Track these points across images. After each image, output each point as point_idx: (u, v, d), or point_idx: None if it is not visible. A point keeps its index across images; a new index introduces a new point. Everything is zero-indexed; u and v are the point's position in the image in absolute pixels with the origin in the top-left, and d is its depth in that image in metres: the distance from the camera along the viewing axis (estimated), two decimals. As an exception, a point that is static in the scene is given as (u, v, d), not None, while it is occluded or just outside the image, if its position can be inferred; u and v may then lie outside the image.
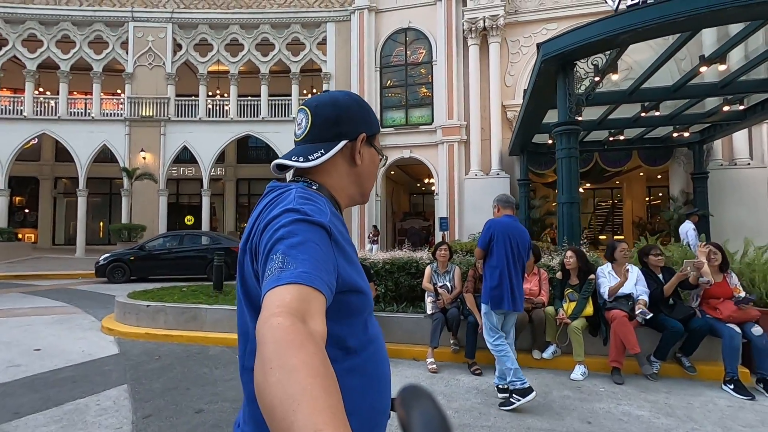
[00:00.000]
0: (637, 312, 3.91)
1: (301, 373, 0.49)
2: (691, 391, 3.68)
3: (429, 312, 4.56)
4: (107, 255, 11.14)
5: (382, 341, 0.87)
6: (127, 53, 17.60)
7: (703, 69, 7.47)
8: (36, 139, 18.25)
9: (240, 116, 17.61)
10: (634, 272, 4.14)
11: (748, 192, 12.61)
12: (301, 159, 0.84)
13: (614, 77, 8.13)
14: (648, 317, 3.85)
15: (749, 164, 12.84)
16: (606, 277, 4.20)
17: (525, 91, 9.76)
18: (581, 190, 22.27)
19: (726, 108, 9.36)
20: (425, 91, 16.49)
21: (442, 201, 15.66)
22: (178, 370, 4.26)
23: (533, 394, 3.27)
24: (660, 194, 18.59)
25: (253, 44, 17.59)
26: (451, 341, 4.54)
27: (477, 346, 4.19)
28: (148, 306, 5.70)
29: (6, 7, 17.35)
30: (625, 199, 20.53)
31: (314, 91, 19.83)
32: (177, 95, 17.78)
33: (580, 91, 7.36)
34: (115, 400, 3.50)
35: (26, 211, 21.79)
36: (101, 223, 20.52)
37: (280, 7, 18.47)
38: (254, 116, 17.56)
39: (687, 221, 9.71)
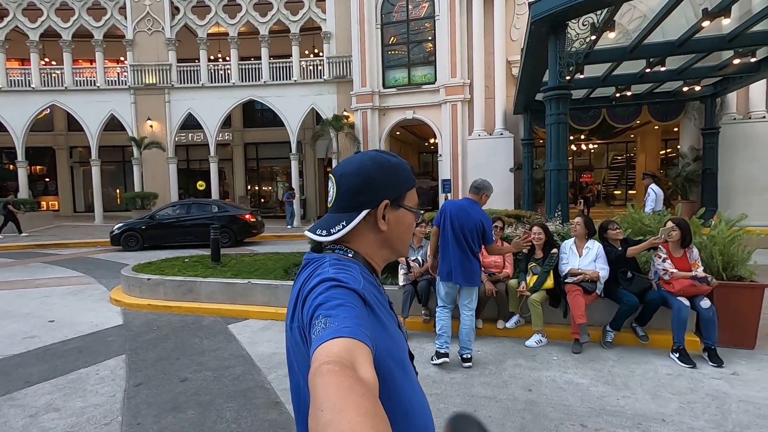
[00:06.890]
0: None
1: (350, 413, 0.50)
2: (639, 359, 3.91)
3: (401, 284, 4.84)
4: (120, 225, 11.72)
5: (422, 419, 0.80)
6: (125, 19, 17.46)
7: (705, 24, 7.10)
8: (48, 110, 18.63)
9: (242, 80, 17.49)
10: (595, 248, 4.26)
11: (762, 147, 12.15)
12: (324, 233, 0.87)
13: (611, 35, 7.81)
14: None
15: (765, 117, 12.27)
16: (567, 253, 4.35)
17: (522, 49, 9.43)
18: (592, 146, 21.71)
19: (737, 61, 8.90)
20: (430, 45, 15.95)
21: (446, 162, 15.59)
22: (172, 341, 4.70)
23: (442, 360, 3.85)
24: (677, 147, 18.05)
25: (251, 4, 17.13)
26: (423, 312, 4.83)
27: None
28: (149, 279, 6.15)
29: (2, -25, 17.24)
30: (639, 153, 19.98)
31: (315, 50, 19.39)
32: (179, 61, 17.71)
33: (571, 51, 7.14)
34: (113, 370, 3.95)
35: (47, 179, 22.64)
36: (118, 191, 21.24)
37: (277, -38, 17.77)
38: (256, 80, 17.41)
39: (652, 183, 9.07)
